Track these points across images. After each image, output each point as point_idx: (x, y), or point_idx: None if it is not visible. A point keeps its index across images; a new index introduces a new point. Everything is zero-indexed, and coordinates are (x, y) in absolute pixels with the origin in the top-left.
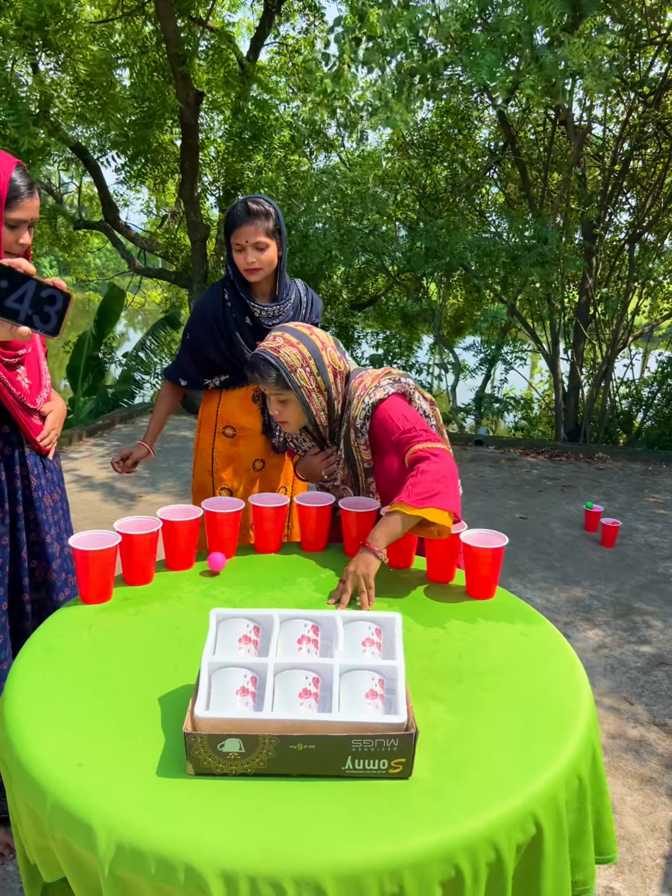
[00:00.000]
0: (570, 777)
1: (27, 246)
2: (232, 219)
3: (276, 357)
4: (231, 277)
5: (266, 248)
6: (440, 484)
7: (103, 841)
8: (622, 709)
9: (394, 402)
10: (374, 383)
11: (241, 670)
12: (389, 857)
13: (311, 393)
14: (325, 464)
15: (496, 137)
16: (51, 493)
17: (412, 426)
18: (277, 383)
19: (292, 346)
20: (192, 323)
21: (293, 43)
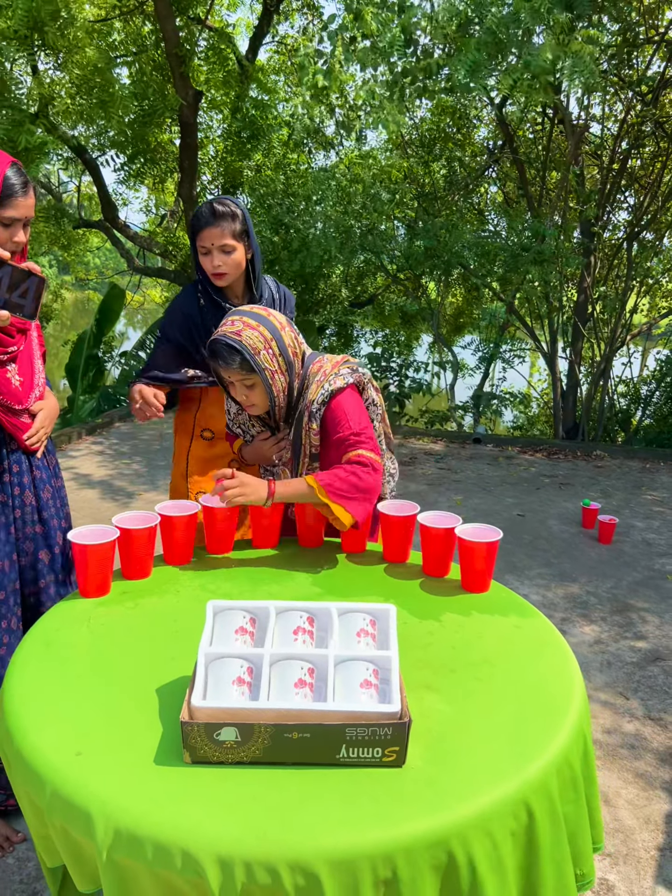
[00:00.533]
0: (562, 765)
1: (22, 244)
2: (197, 220)
3: (238, 341)
4: (202, 280)
5: (233, 251)
6: (361, 493)
7: (101, 828)
8: (618, 703)
9: (350, 396)
10: (335, 370)
11: (237, 661)
12: (382, 842)
13: (274, 375)
14: (276, 448)
15: (494, 136)
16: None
17: (360, 430)
18: (242, 367)
19: (253, 329)
20: (167, 325)
21: (292, 42)
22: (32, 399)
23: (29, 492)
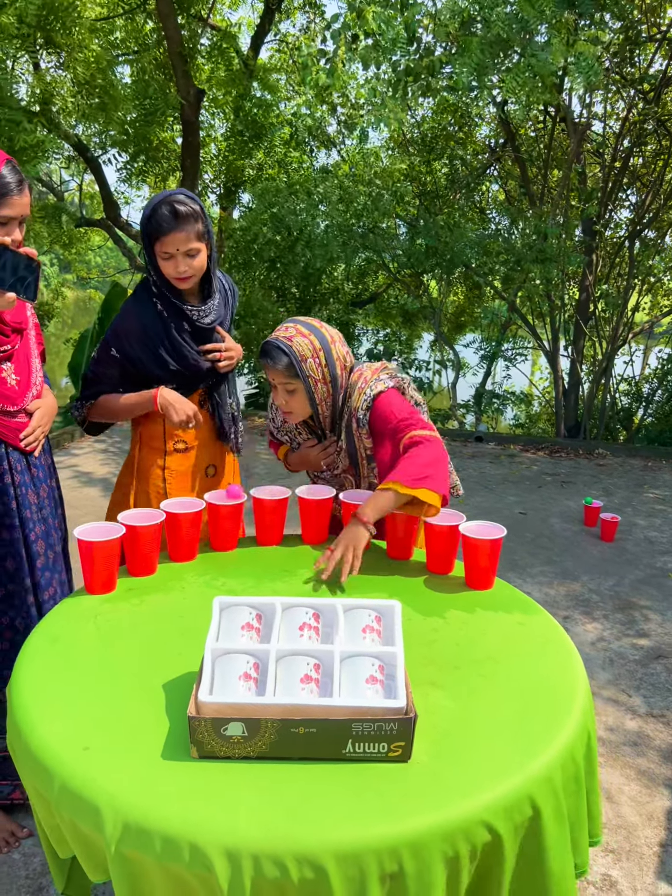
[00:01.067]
0: (567, 760)
1: (18, 242)
2: (157, 225)
3: (288, 346)
4: (157, 283)
5: (197, 254)
6: (431, 468)
7: (110, 821)
8: (620, 701)
9: (391, 394)
10: (375, 376)
11: (243, 656)
12: (388, 836)
13: (317, 383)
14: (324, 454)
15: (496, 134)
16: (35, 490)
17: (408, 416)
18: (287, 371)
19: (304, 337)
20: (119, 340)
21: (293, 41)
22: (29, 398)
23: (31, 490)
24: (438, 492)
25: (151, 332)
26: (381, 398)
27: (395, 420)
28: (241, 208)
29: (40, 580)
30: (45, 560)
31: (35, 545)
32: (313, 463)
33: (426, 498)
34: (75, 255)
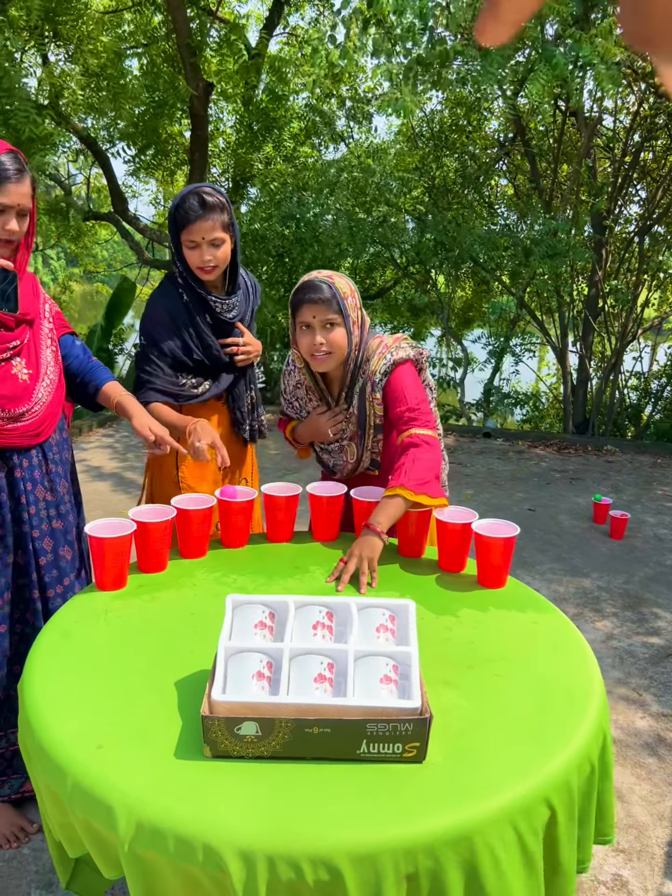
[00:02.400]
0: (583, 762)
1: (16, 233)
2: (185, 213)
3: (331, 282)
4: (184, 275)
5: (222, 244)
6: (431, 473)
7: (123, 820)
8: (631, 699)
9: (409, 370)
10: (396, 344)
11: (257, 655)
12: (404, 838)
13: (354, 325)
14: (332, 422)
15: (506, 129)
16: (47, 487)
17: (417, 406)
18: (330, 304)
19: (341, 279)
20: (154, 332)
21: (302, 34)
22: (40, 390)
23: (42, 487)
24: (437, 497)
25: (178, 320)
26: (399, 369)
27: (402, 407)
28: (249, 203)
29: (45, 577)
30: (52, 558)
31: (38, 542)
32: (321, 431)
33: (428, 502)
34: (83, 248)
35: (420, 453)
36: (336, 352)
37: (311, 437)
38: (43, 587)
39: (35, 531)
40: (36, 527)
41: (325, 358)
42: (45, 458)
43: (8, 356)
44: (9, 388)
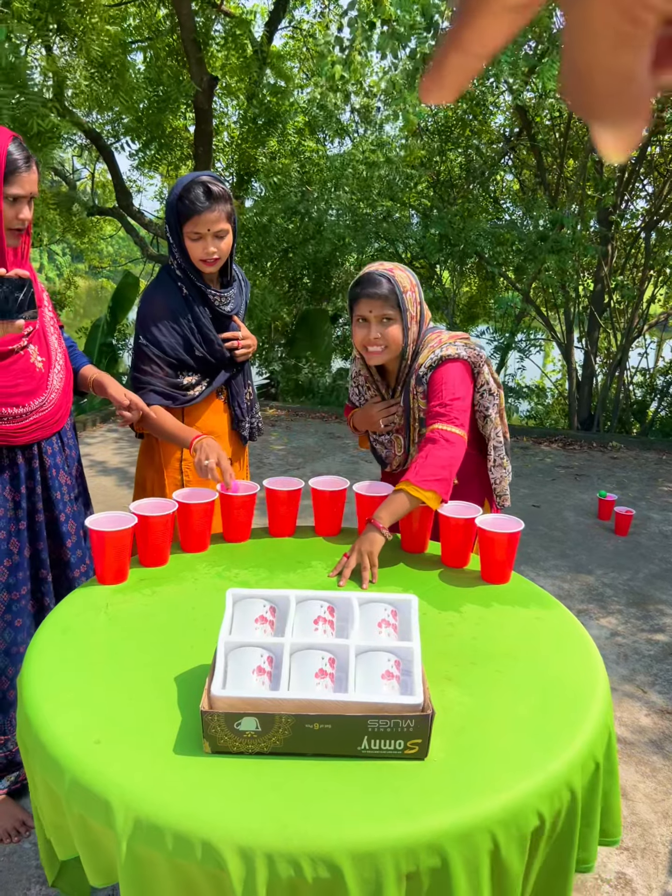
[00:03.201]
0: (587, 760)
1: (27, 221)
2: (189, 204)
3: (391, 275)
4: (183, 267)
5: (225, 236)
6: (445, 471)
7: (121, 817)
8: (635, 696)
9: (457, 367)
10: (451, 341)
11: (257, 650)
12: (405, 835)
13: (412, 320)
14: (384, 413)
15: (511, 123)
16: (67, 471)
17: (450, 402)
18: (389, 299)
19: (402, 272)
20: (154, 329)
21: (308, 28)
22: (53, 377)
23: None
24: (443, 497)
25: (178, 315)
26: (446, 366)
27: (438, 400)
28: (253, 197)
29: (70, 558)
30: (76, 539)
31: (65, 525)
32: (373, 421)
33: (430, 502)
34: (87, 243)
35: (436, 450)
36: (391, 346)
37: (365, 427)
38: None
39: (62, 515)
40: (62, 511)
41: (380, 352)
42: (62, 444)
43: (25, 343)
44: (29, 379)
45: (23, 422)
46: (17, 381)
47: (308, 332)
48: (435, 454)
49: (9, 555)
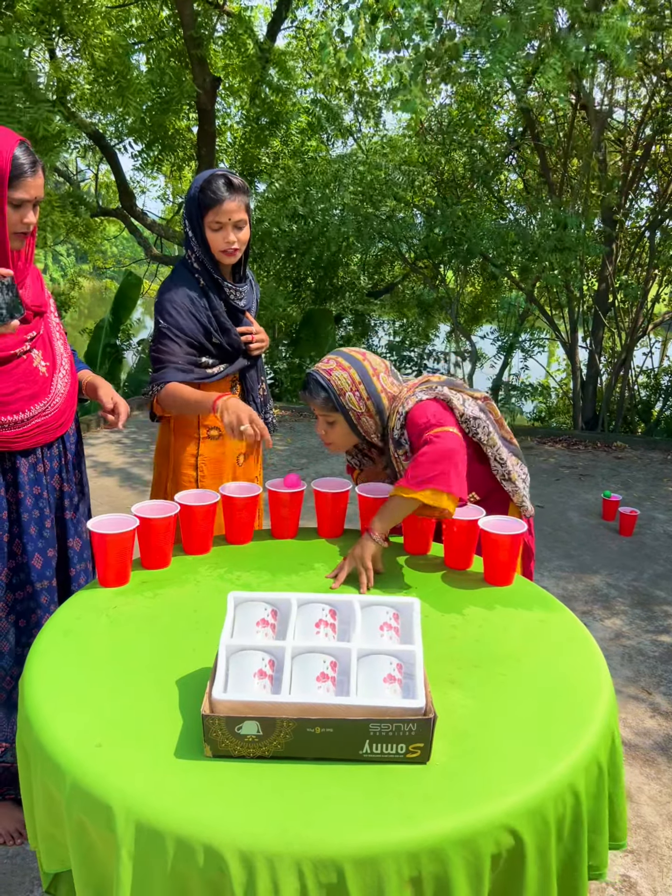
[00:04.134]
0: (591, 764)
1: (32, 225)
2: (212, 194)
3: (326, 379)
4: (201, 259)
5: (244, 227)
6: (440, 465)
7: (122, 821)
8: (640, 698)
9: (426, 404)
10: (409, 393)
11: (258, 653)
12: (407, 840)
13: (360, 416)
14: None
15: (515, 123)
16: (66, 477)
17: (428, 419)
18: (325, 404)
19: (343, 370)
20: (175, 315)
21: (310, 27)
22: (57, 381)
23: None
24: (446, 490)
25: (197, 303)
26: (412, 414)
27: (419, 428)
28: (257, 198)
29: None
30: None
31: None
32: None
33: (431, 500)
34: (91, 244)
35: (427, 448)
36: (337, 443)
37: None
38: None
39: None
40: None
41: (330, 448)
42: (64, 448)
43: (27, 348)
44: (31, 383)
45: (23, 427)
46: (19, 386)
47: (312, 333)
48: (424, 452)
49: (12, 556)
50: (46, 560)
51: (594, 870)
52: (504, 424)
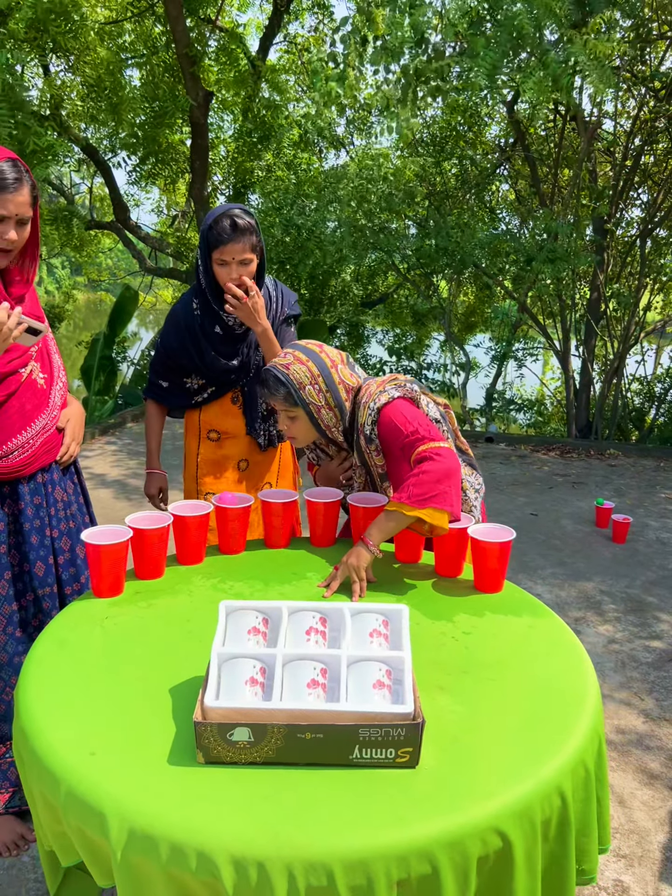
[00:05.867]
0: (577, 767)
1: (15, 242)
2: (218, 235)
3: (285, 374)
4: (203, 287)
5: (250, 264)
6: (441, 484)
7: (115, 827)
8: (633, 704)
9: (398, 404)
10: (379, 389)
11: (250, 661)
12: (397, 843)
13: (320, 410)
14: (340, 469)
15: (506, 134)
16: (63, 487)
17: (416, 428)
18: (286, 399)
19: (302, 364)
20: (165, 331)
21: (302, 42)
22: (55, 394)
23: (59, 488)
24: (445, 509)
25: (183, 325)
26: (386, 409)
27: (402, 435)
28: (249, 209)
29: (62, 575)
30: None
31: (59, 541)
32: (334, 477)
33: (431, 519)
34: (86, 257)
35: (428, 466)
36: (299, 438)
37: (326, 483)
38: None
39: (55, 531)
40: (55, 527)
41: (294, 442)
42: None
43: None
44: (31, 397)
45: (32, 449)
46: (22, 401)
47: None
48: (426, 470)
49: (9, 567)
50: (48, 567)
51: (585, 874)
52: (459, 435)
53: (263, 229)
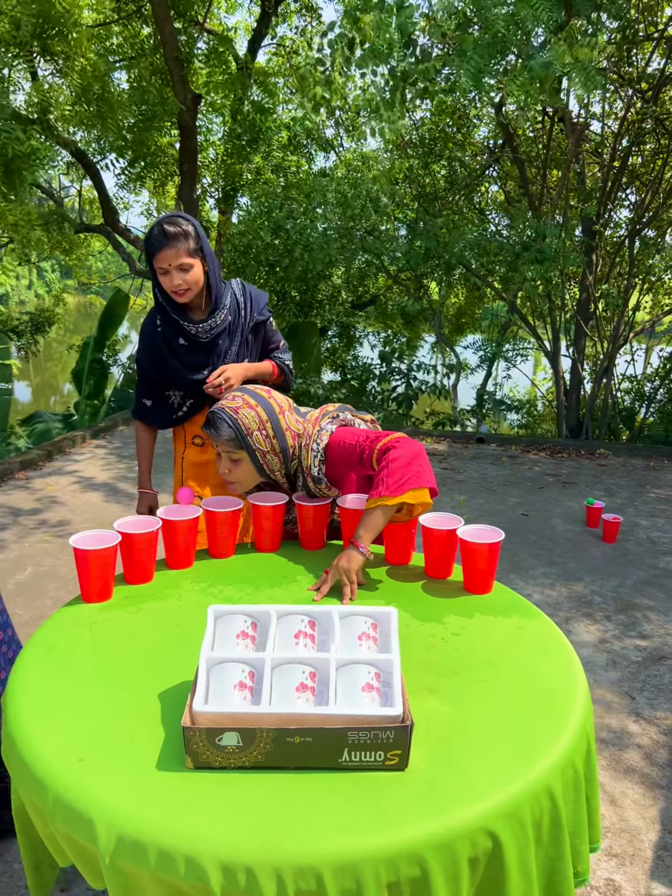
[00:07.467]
0: (566, 767)
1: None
2: (150, 243)
3: (233, 418)
4: (160, 300)
5: (190, 269)
6: (412, 466)
7: (104, 834)
8: (623, 703)
9: (338, 433)
10: (316, 429)
11: (238, 665)
12: (386, 846)
13: (265, 455)
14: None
15: (495, 135)
16: None
17: (364, 437)
18: (231, 442)
19: (251, 409)
20: (138, 348)
21: (290, 44)
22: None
23: None
24: (423, 486)
25: (151, 340)
26: (331, 443)
27: (357, 447)
28: (239, 212)
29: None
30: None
31: None
32: None
33: (414, 499)
34: (76, 260)
35: (394, 454)
36: (243, 482)
37: None
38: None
39: None
40: None
41: (234, 487)
42: None
43: None
44: None
45: None
46: None
47: (297, 345)
48: (394, 458)
49: None
50: None
51: (578, 875)
52: None
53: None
